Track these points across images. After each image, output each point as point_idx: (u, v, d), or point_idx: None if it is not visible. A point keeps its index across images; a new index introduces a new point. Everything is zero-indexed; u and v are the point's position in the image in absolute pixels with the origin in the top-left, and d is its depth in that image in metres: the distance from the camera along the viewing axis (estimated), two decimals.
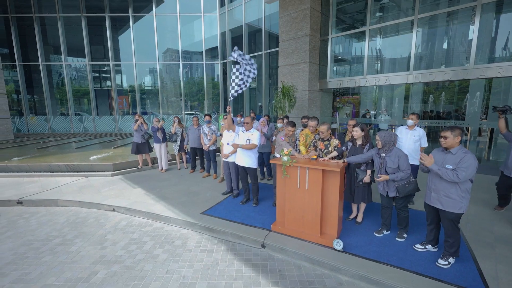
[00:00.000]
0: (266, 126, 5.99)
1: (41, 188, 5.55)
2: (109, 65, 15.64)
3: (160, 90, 16.18)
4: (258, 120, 6.34)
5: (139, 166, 6.87)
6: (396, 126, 8.65)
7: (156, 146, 6.65)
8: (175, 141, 6.78)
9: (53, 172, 6.59)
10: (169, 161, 7.19)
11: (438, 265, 2.76)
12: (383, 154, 3.20)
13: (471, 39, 6.47)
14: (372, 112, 11.21)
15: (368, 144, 3.60)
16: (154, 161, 7.25)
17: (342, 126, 9.77)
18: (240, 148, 4.37)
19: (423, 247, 3.07)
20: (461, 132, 2.64)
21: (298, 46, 9.05)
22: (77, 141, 11.59)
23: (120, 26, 16.13)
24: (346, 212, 4.00)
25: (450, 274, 2.64)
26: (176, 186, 5.58)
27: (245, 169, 4.47)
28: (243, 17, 13.39)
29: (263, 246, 3.35)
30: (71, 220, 4.28)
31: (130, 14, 15.19)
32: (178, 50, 15.86)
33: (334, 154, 3.67)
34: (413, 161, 4.10)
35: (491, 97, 7.69)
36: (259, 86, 13.91)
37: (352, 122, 4.28)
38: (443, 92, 9.92)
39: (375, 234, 3.44)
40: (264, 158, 5.98)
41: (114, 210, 4.61)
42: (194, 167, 6.77)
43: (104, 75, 17.20)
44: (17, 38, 15.00)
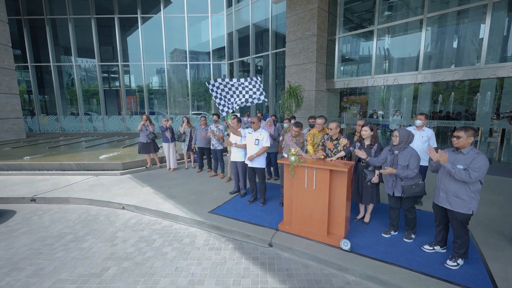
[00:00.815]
0: (272, 126, 6.00)
1: (53, 186, 5.70)
2: (117, 65, 15.91)
3: (167, 90, 16.40)
4: (265, 120, 6.36)
5: (148, 166, 6.98)
6: (404, 126, 8.56)
7: (164, 145, 6.75)
8: (184, 140, 6.87)
9: (64, 170, 6.75)
10: (177, 160, 7.28)
11: (447, 266, 2.74)
12: (397, 152, 3.19)
13: (482, 38, 6.36)
14: (379, 112, 11.10)
15: (376, 144, 3.57)
16: (163, 160, 7.35)
17: (349, 126, 9.71)
18: (253, 152, 4.39)
19: (432, 248, 3.05)
20: (474, 133, 2.62)
21: (305, 46, 9.04)
22: (86, 140, 11.82)
23: (128, 27, 16.37)
24: (353, 212, 3.98)
25: (459, 275, 2.62)
26: (184, 185, 5.66)
27: (253, 168, 4.50)
28: (250, 17, 13.44)
29: (271, 245, 3.38)
30: (83, 217, 4.39)
31: (139, 15, 15.42)
32: (186, 51, 16.04)
33: (342, 154, 3.67)
34: (421, 162, 4.07)
35: (503, 96, 7.54)
36: (266, 86, 13.91)
37: (361, 122, 4.25)
38: (453, 92, 9.76)
39: (383, 234, 3.43)
40: (271, 158, 6.01)
41: (123, 208, 4.71)
42: (201, 167, 6.84)
43: (112, 76, 17.48)
44: (29, 39, 15.39)
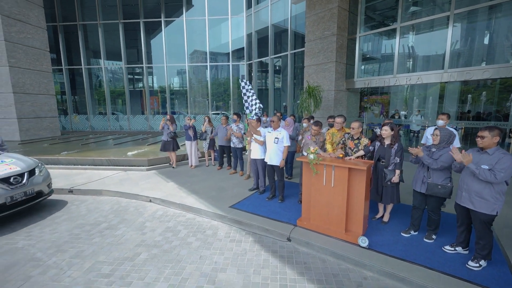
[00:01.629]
0: (291, 125, 6.09)
1: (87, 179, 6.18)
2: (142, 67, 16.71)
3: (188, 91, 16.97)
4: (284, 120, 6.46)
5: (173, 166, 7.15)
6: (428, 127, 8.30)
7: (187, 143, 7.06)
8: (205, 139, 7.15)
9: (96, 165, 7.28)
10: (198, 158, 7.57)
11: (469, 267, 2.72)
12: (434, 149, 3.14)
13: None
14: (402, 112, 10.77)
15: (396, 144, 3.55)
16: (184, 158, 7.66)
17: (370, 126, 9.54)
18: (271, 150, 4.56)
19: (453, 249, 3.01)
20: (500, 132, 2.57)
21: (324, 45, 9.01)
22: (114, 138, 12.55)
23: (152, 30, 17.14)
24: (372, 211, 4.00)
25: (481, 277, 2.58)
26: (205, 181, 5.91)
27: (273, 166, 4.64)
28: (269, 18, 13.57)
29: (289, 240, 3.50)
30: (115, 208, 4.76)
31: (162, 19, 16.09)
32: (206, 52, 16.53)
33: (361, 153, 3.70)
34: None
35: None
36: (284, 86, 13.99)
37: (387, 121, 4.20)
38: (484, 91, 9.26)
39: (402, 234, 3.43)
40: (288, 157, 6.09)
41: (150, 201, 5.03)
42: (221, 164, 7.09)
43: (137, 77, 18.38)
44: (63, 44, 16.57)
